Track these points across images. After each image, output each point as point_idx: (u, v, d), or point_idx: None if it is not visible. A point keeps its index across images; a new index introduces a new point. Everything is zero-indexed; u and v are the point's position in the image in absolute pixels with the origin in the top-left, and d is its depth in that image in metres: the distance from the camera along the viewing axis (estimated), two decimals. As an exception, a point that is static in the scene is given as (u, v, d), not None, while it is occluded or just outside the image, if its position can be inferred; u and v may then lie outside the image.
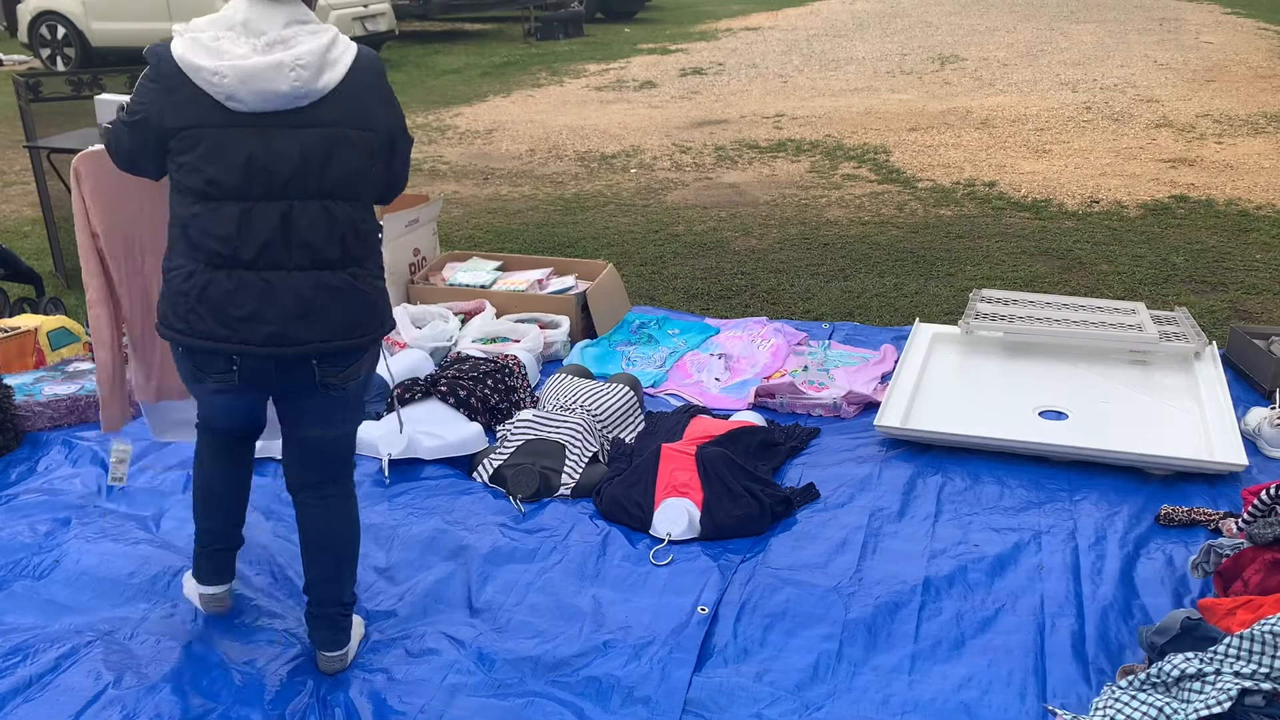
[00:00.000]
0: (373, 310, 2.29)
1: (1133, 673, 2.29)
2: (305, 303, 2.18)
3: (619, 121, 9.43)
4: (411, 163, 8.27)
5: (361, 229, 2.25)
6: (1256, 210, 6.10)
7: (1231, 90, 9.74)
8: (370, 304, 2.28)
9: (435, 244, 4.95)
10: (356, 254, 2.24)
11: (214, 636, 2.60)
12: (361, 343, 2.28)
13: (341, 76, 2.19)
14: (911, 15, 16.47)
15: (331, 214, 2.18)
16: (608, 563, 2.86)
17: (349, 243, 2.22)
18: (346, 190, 2.20)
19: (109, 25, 12.71)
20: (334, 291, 2.21)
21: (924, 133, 8.51)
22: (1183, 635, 2.27)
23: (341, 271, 2.22)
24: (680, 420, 3.48)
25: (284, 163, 2.12)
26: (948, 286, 5.04)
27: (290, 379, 2.26)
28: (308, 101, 2.14)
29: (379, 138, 2.26)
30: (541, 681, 2.41)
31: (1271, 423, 3.35)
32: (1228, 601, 2.25)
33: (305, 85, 2.12)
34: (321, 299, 2.19)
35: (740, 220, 6.27)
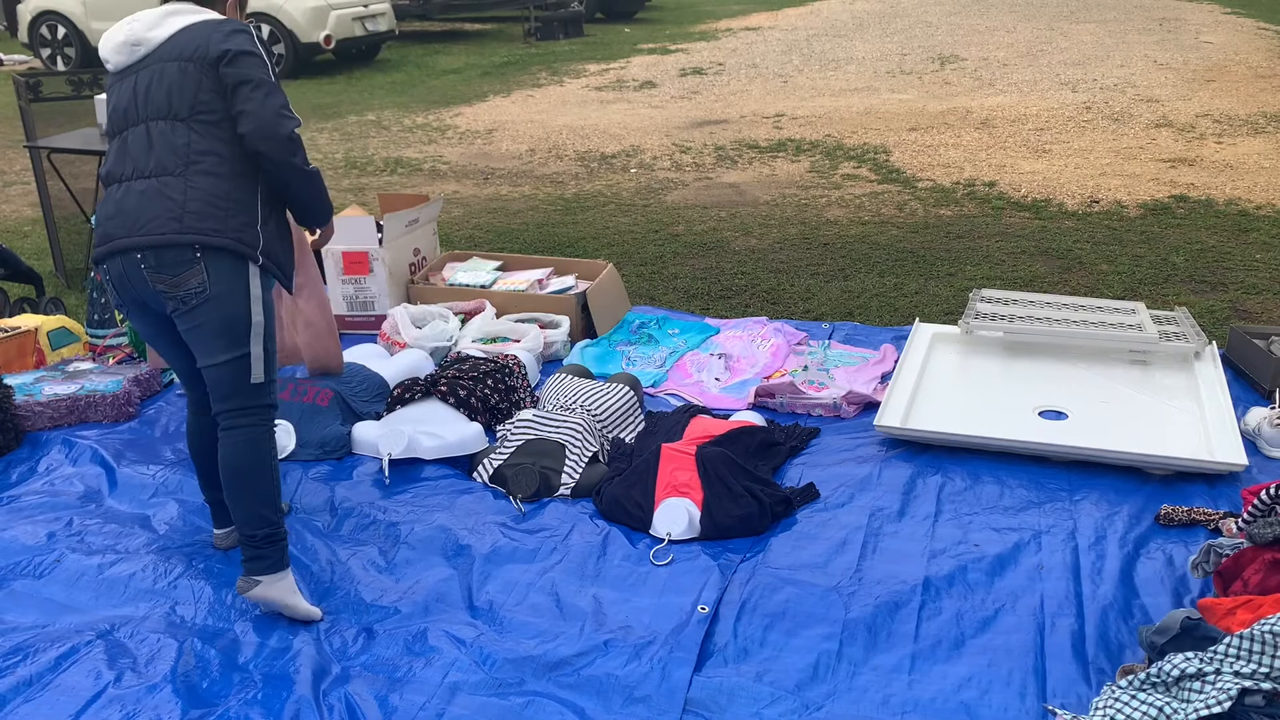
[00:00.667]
0: (198, 216, 2.43)
1: (1133, 672, 2.29)
2: (133, 205, 2.45)
3: (619, 121, 9.43)
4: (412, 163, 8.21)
5: (197, 145, 2.46)
6: (1256, 210, 6.10)
7: (1231, 90, 9.74)
8: (195, 209, 2.43)
9: (435, 244, 4.95)
10: (197, 165, 2.46)
11: (214, 636, 2.60)
12: (177, 241, 2.41)
13: (175, 29, 2.52)
14: (911, 15, 16.47)
15: (171, 132, 2.47)
16: (608, 562, 2.86)
17: (185, 155, 2.45)
18: (180, 111, 2.47)
19: (109, 25, 12.70)
20: (157, 194, 2.43)
21: (924, 133, 8.51)
22: (1183, 635, 2.27)
23: (174, 178, 2.44)
24: (680, 420, 3.48)
25: (132, 97, 2.53)
26: (948, 286, 5.04)
27: (138, 290, 2.49)
28: (144, 50, 2.53)
29: (204, 62, 2.48)
30: (542, 681, 2.41)
31: (1271, 422, 3.35)
32: (1227, 601, 2.25)
33: (138, 36, 2.54)
34: (145, 201, 2.44)
35: (740, 220, 6.28)
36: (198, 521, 3.11)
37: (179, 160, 2.44)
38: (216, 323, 2.48)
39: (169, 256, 2.42)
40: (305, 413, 3.51)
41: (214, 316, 2.47)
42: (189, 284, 2.44)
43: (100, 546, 2.98)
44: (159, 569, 2.87)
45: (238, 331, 2.51)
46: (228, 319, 2.48)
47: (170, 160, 2.44)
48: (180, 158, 2.44)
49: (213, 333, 2.49)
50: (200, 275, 2.45)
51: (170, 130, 2.46)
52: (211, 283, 2.46)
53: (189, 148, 2.45)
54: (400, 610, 2.69)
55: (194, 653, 2.53)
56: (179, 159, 2.44)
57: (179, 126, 2.46)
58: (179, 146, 2.45)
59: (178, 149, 2.45)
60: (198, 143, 2.46)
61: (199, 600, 2.74)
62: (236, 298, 2.49)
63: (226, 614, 2.70)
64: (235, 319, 2.49)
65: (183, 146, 2.45)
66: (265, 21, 12.21)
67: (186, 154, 2.45)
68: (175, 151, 2.45)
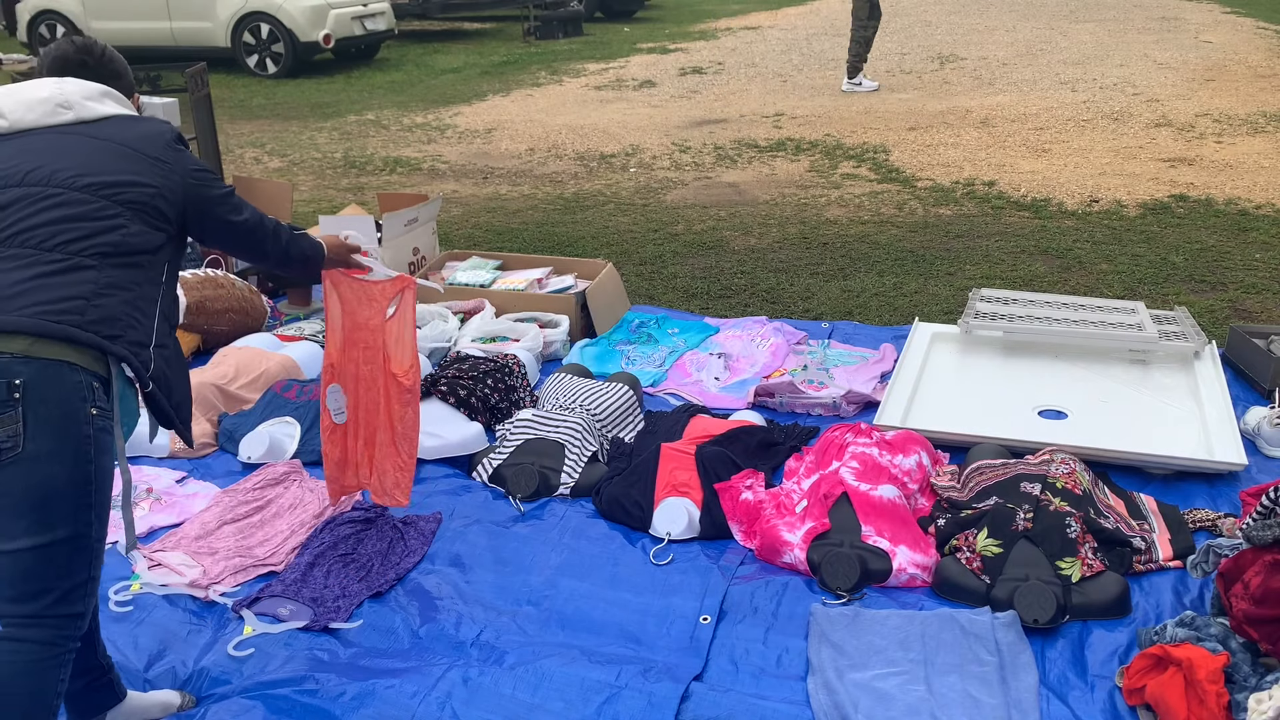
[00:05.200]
0: (102, 321, 1.94)
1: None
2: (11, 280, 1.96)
3: (618, 121, 9.42)
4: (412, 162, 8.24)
5: (131, 241, 2.09)
6: (1256, 210, 6.10)
7: (1231, 90, 9.74)
8: (101, 311, 1.95)
9: (434, 243, 4.95)
10: (112, 260, 2.05)
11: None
12: (77, 338, 1.88)
13: (114, 114, 2.24)
14: (911, 15, 16.46)
15: (97, 213, 2.12)
16: (607, 563, 2.86)
17: (108, 245, 2.06)
18: (124, 196, 2.15)
19: (108, 24, 12.69)
20: (53, 276, 1.95)
21: (923, 132, 8.50)
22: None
23: (89, 268, 2.01)
24: (680, 419, 3.48)
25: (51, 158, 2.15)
26: (947, 286, 5.04)
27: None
28: (72, 116, 2.20)
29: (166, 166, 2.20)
30: (540, 681, 2.40)
31: (1271, 422, 3.35)
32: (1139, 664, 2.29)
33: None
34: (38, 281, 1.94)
35: (740, 219, 6.27)
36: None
37: (94, 247, 1.99)
38: (29, 489, 1.83)
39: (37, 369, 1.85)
40: (315, 411, 3.50)
41: (32, 478, 1.83)
42: (18, 429, 1.82)
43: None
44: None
45: (56, 503, 1.86)
46: (67, 477, 1.86)
47: (86, 244, 1.99)
48: (98, 245, 2.00)
49: (18, 505, 1.84)
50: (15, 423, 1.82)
51: (96, 211, 2.03)
52: (31, 429, 1.83)
53: (123, 242, 2.03)
54: (397, 610, 2.68)
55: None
56: (94, 245, 2.00)
57: (117, 212, 2.05)
58: (102, 231, 2.02)
59: (99, 234, 2.01)
60: (134, 237, 2.05)
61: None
62: (70, 449, 1.86)
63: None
64: (62, 481, 1.86)
65: (107, 233, 2.02)
66: (265, 20, 12.21)
67: (113, 245, 2.02)
68: (92, 235, 2.00)
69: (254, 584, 2.81)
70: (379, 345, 2.80)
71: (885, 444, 3.11)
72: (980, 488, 2.90)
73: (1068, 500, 2.76)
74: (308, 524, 3.02)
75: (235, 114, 10.24)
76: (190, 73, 5.65)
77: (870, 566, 2.71)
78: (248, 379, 3.76)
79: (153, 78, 6.36)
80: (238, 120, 9.93)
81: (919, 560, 2.73)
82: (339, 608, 2.66)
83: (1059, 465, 2.91)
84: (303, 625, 2.60)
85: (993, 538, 2.68)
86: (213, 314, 4.22)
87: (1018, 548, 2.64)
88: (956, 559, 2.70)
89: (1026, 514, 2.70)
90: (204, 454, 3.50)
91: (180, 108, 5.53)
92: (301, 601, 2.67)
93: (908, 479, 3.03)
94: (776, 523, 2.87)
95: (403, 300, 2.77)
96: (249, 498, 3.13)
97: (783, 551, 2.80)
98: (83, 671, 2.19)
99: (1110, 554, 2.70)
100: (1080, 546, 2.63)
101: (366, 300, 2.79)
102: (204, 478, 3.36)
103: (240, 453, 3.40)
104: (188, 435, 2.20)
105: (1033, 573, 2.57)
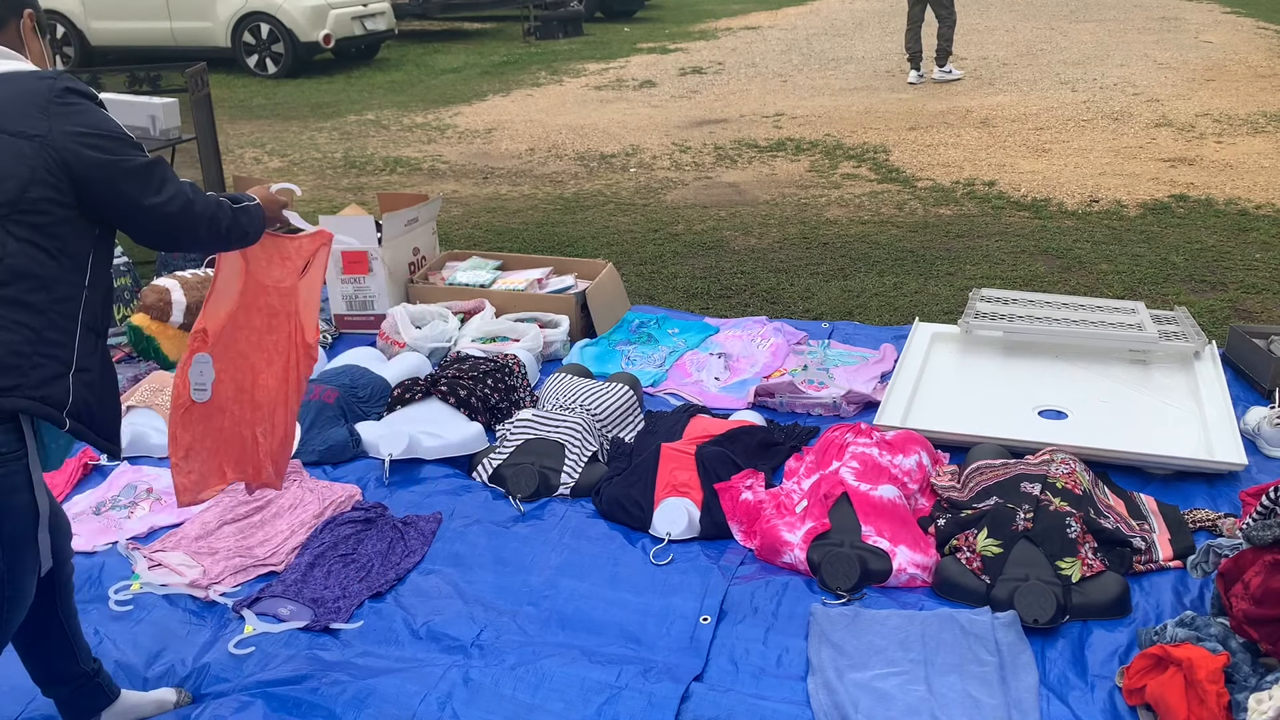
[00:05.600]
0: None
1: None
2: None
3: (618, 121, 9.42)
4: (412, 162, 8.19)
5: (12, 261, 1.74)
6: (1256, 210, 6.10)
7: (1231, 90, 9.74)
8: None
9: (435, 243, 4.95)
10: (3, 290, 1.74)
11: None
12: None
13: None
14: (911, 14, 16.44)
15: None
16: (607, 563, 2.86)
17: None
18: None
19: (108, 24, 12.69)
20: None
21: (923, 132, 8.50)
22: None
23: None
24: (680, 419, 3.48)
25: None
26: (947, 286, 5.04)
27: None
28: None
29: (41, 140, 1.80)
30: (540, 682, 2.40)
31: (1271, 422, 3.34)
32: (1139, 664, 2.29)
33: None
34: None
35: (740, 219, 6.27)
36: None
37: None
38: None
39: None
40: (314, 411, 3.50)
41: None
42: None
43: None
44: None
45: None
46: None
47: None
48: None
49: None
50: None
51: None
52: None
53: (1, 266, 1.70)
54: (397, 610, 2.68)
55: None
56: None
57: (6, 224, 1.70)
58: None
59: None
60: (13, 258, 1.70)
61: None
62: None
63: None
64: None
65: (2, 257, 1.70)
66: (265, 20, 12.21)
67: (8, 267, 1.70)
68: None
69: (254, 584, 2.81)
70: (290, 310, 2.44)
71: (885, 444, 3.11)
72: (980, 488, 2.90)
73: (1068, 500, 2.76)
74: (308, 524, 3.03)
75: (235, 114, 10.24)
76: (190, 73, 5.65)
77: (870, 566, 2.71)
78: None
79: (153, 78, 6.36)
80: (238, 120, 9.93)
81: (919, 560, 2.73)
82: (339, 608, 2.66)
83: (1059, 465, 2.91)
84: (303, 625, 2.60)
85: (993, 538, 2.68)
86: (213, 314, 4.21)
87: (1018, 548, 2.64)
88: (956, 559, 2.70)
89: (1026, 514, 2.70)
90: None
91: (180, 108, 5.53)
92: (302, 602, 2.67)
93: (908, 479, 3.03)
94: (776, 523, 2.87)
95: (315, 259, 2.45)
96: (249, 498, 3.13)
97: (783, 551, 2.80)
98: (66, 679, 2.17)
99: (1110, 554, 2.70)
100: (1080, 546, 2.63)
101: (280, 259, 2.40)
102: (204, 478, 3.36)
103: None
104: (115, 450, 1.95)
105: (1033, 573, 2.57)
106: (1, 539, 1.77)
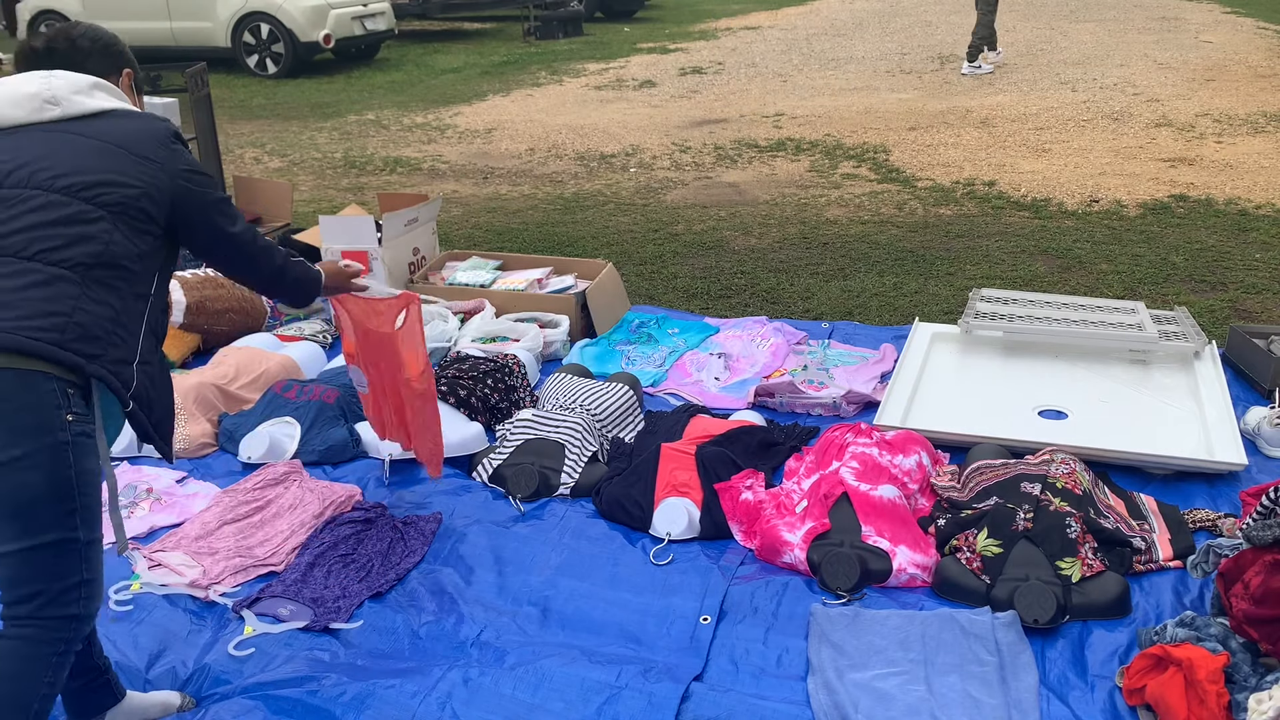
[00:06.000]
0: (83, 337, 1.91)
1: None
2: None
3: (618, 121, 9.42)
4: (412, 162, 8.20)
5: (116, 250, 2.04)
6: (1256, 210, 6.10)
7: (1231, 89, 9.74)
8: (82, 326, 1.92)
9: (434, 243, 4.95)
10: (95, 273, 2.00)
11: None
12: (50, 355, 1.85)
13: (104, 108, 2.16)
14: (911, 14, 16.46)
15: (79, 218, 2.05)
16: (607, 563, 2.86)
17: (91, 257, 2.01)
18: (109, 200, 2.09)
19: (108, 24, 12.46)
20: (37, 287, 1.92)
21: (923, 132, 8.50)
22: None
23: (69, 282, 1.96)
24: (680, 420, 3.48)
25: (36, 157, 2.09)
26: (947, 286, 5.04)
27: None
28: (58, 113, 2.12)
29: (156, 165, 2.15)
30: (540, 681, 2.40)
31: (1271, 422, 3.35)
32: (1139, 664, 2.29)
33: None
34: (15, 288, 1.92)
35: (740, 219, 6.27)
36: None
37: (74, 257, 1.93)
38: (11, 493, 1.84)
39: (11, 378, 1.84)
40: (314, 411, 3.50)
41: (9, 485, 1.84)
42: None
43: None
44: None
45: (38, 508, 1.86)
46: (46, 483, 1.85)
47: (66, 253, 1.92)
48: (79, 255, 1.93)
49: (19, 504, 1.85)
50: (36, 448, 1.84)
51: (76, 215, 1.96)
52: (3, 437, 1.83)
53: (105, 251, 1.97)
54: (397, 610, 2.68)
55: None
56: (75, 256, 1.93)
57: (99, 215, 1.98)
58: (82, 239, 1.95)
59: (79, 242, 1.94)
60: (117, 246, 1.98)
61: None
62: (46, 455, 1.85)
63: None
64: (41, 487, 1.85)
65: (87, 242, 1.95)
66: (265, 20, 12.21)
67: (94, 255, 1.95)
68: (72, 244, 1.93)
69: (254, 584, 2.81)
70: (391, 353, 2.93)
71: (885, 444, 3.11)
72: (980, 488, 2.90)
73: (1068, 500, 2.76)
74: (308, 524, 3.02)
75: (235, 114, 10.24)
76: (190, 73, 5.65)
77: (870, 566, 2.71)
78: (248, 379, 3.76)
79: (153, 78, 6.36)
80: (238, 120, 9.93)
81: (919, 560, 2.73)
82: (339, 608, 2.66)
83: (1059, 465, 2.91)
84: (303, 625, 2.60)
85: (993, 538, 2.68)
86: (213, 314, 4.22)
87: (1018, 548, 2.64)
88: (956, 559, 2.70)
89: (1026, 514, 2.70)
90: (204, 454, 3.50)
91: (180, 108, 5.53)
92: (302, 602, 2.67)
93: (908, 479, 3.03)
94: (776, 523, 2.87)
95: (409, 314, 2.89)
96: (249, 498, 3.13)
97: (783, 551, 2.80)
98: (79, 672, 2.18)
99: (1110, 554, 2.70)
100: (1080, 546, 2.63)
101: (374, 314, 2.91)
102: (204, 478, 3.36)
103: (240, 453, 3.40)
104: (168, 451, 2.15)
105: (1033, 573, 2.57)
106: (79, 503, 1.89)
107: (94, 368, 1.90)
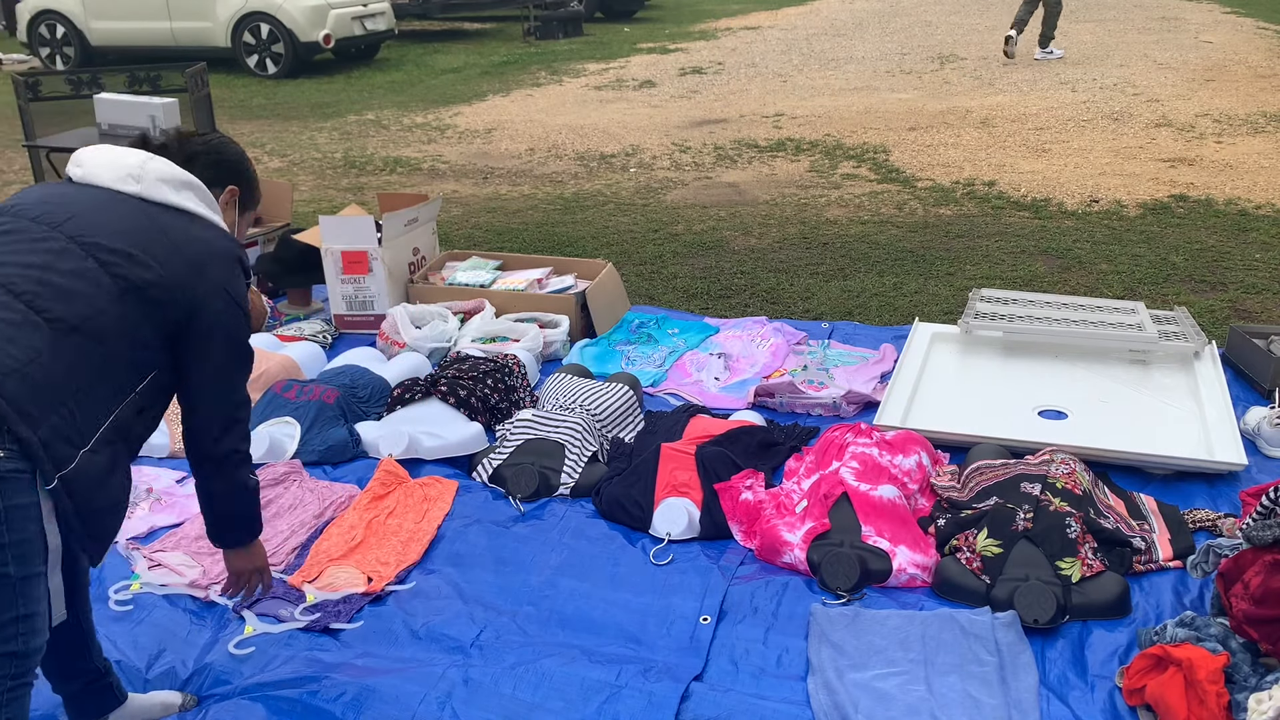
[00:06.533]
0: (32, 391, 1.74)
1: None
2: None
3: (618, 121, 9.42)
4: (412, 162, 8.22)
5: (126, 319, 1.92)
6: (1256, 210, 6.10)
7: (1231, 90, 9.74)
8: (36, 380, 1.76)
9: (434, 243, 4.95)
10: (76, 336, 1.86)
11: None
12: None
13: (184, 207, 2.08)
14: (911, 15, 16.46)
15: (98, 282, 1.92)
16: (607, 563, 2.86)
17: (93, 322, 1.88)
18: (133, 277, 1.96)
19: (108, 24, 12.70)
20: (22, 327, 1.80)
21: (923, 132, 8.50)
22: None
23: (51, 329, 1.82)
24: (680, 420, 3.48)
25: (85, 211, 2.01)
26: (947, 286, 5.04)
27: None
28: (136, 191, 2.07)
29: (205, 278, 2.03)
30: (540, 681, 2.40)
31: (1271, 422, 3.35)
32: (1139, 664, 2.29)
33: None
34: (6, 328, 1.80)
35: (740, 220, 6.27)
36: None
37: (58, 311, 1.80)
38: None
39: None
40: (314, 411, 3.50)
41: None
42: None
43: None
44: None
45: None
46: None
47: (54, 305, 1.80)
48: (64, 311, 1.81)
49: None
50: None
51: (83, 270, 1.85)
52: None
53: (95, 319, 1.84)
54: (397, 610, 2.68)
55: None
56: (60, 310, 1.81)
57: (106, 283, 1.86)
58: (76, 295, 1.82)
59: (71, 297, 1.82)
60: (107, 317, 1.85)
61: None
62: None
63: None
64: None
65: (79, 300, 1.83)
66: (265, 20, 12.21)
67: (81, 317, 1.82)
68: (64, 298, 1.81)
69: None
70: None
71: (885, 444, 3.11)
72: (980, 488, 2.90)
73: (1068, 500, 2.76)
74: (308, 524, 3.03)
75: (235, 114, 10.24)
76: (190, 73, 5.65)
77: (870, 566, 2.71)
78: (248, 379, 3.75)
79: (153, 78, 6.36)
80: (238, 120, 9.93)
81: (919, 560, 2.73)
82: (339, 608, 2.66)
83: (1059, 465, 2.91)
84: (303, 626, 2.60)
85: (993, 538, 2.68)
86: (213, 314, 4.21)
87: (1018, 548, 2.64)
88: (956, 559, 2.70)
89: (1026, 514, 2.70)
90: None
91: (180, 108, 5.53)
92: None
93: (908, 479, 3.03)
94: (776, 523, 2.87)
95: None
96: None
97: (783, 551, 2.80)
98: (78, 674, 2.18)
99: (1110, 554, 2.70)
100: (1080, 547, 2.63)
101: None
102: (204, 478, 3.35)
103: None
104: (93, 550, 1.88)
105: (1033, 573, 2.58)
106: (11, 546, 1.75)
107: (21, 427, 1.71)
